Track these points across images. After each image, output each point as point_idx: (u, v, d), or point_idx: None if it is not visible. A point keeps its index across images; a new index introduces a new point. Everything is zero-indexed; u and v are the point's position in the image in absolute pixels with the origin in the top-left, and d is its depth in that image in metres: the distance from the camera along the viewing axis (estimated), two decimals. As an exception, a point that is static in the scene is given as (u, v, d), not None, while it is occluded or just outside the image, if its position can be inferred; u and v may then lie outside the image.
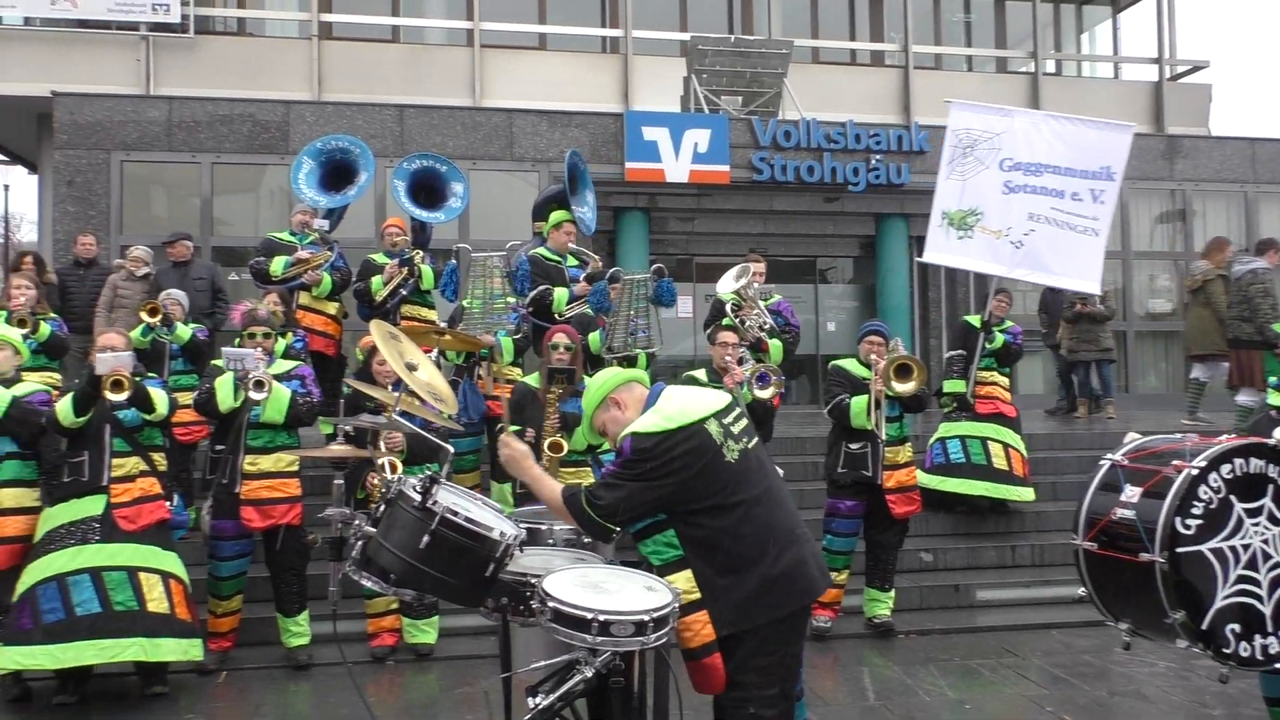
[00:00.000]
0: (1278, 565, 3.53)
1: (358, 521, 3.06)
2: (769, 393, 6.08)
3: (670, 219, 13.81)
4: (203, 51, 13.89)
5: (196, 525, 6.43)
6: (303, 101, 13.03)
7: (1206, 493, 3.50)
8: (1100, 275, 8.25)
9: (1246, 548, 3.53)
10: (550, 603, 2.83)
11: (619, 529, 3.10)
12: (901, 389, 6.06)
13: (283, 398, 5.53)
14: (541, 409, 5.57)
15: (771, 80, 14.24)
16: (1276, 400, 4.47)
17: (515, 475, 3.35)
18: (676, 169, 12.81)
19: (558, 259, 7.33)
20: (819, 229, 14.26)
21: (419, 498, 2.96)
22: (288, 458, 5.62)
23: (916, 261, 14.10)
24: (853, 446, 6.20)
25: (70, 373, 7.61)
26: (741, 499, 3.05)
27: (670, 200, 13.42)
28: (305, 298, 7.70)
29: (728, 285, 7.13)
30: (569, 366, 5.66)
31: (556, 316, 6.96)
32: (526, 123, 12.88)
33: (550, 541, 3.52)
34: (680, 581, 3.01)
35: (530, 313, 7.12)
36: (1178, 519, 3.45)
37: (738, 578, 3.01)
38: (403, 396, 3.55)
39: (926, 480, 7.52)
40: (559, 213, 7.53)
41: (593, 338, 6.75)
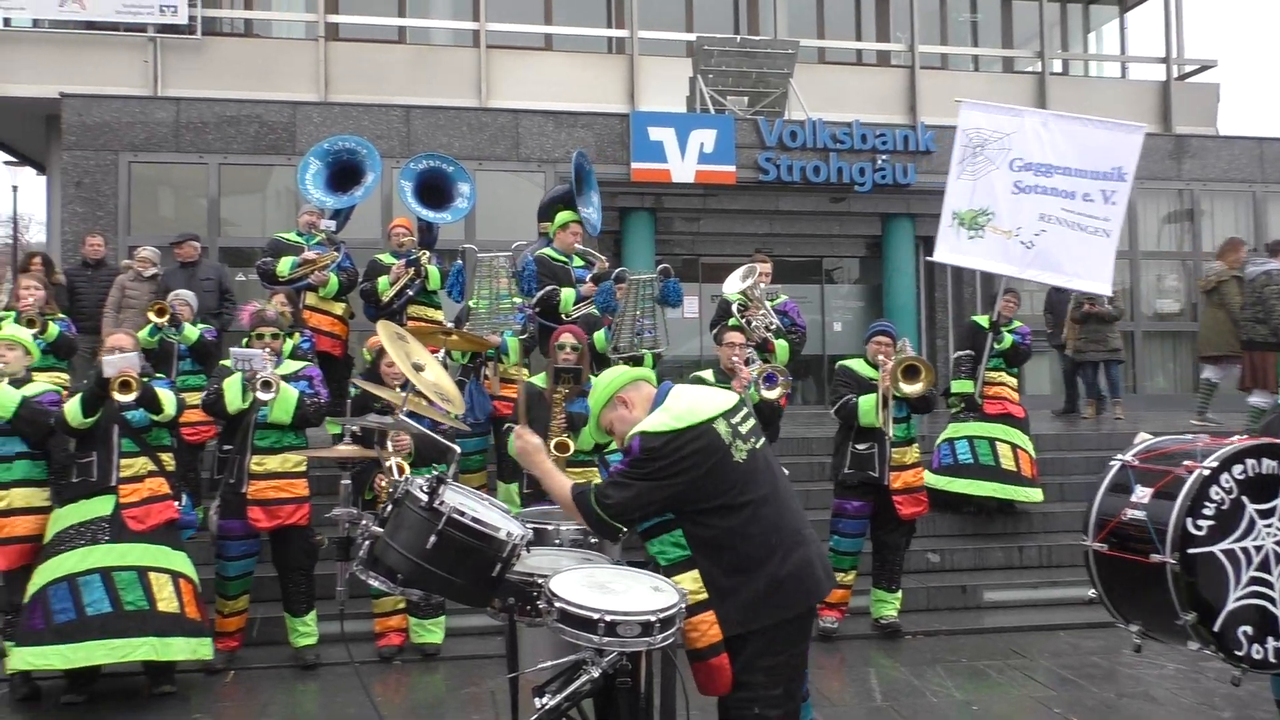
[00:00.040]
0: (1290, 567, 3.52)
1: (365, 521, 3.06)
2: (776, 393, 6.07)
3: (676, 219, 13.80)
4: (210, 53, 13.92)
5: (204, 525, 6.44)
6: (309, 102, 13.05)
7: (1218, 493, 3.49)
8: (1111, 276, 8.23)
9: (1259, 549, 3.51)
10: (557, 603, 2.83)
11: (626, 529, 3.10)
12: (909, 390, 6.05)
13: (290, 398, 5.53)
14: (548, 409, 5.57)
15: (777, 80, 14.23)
16: None
17: (527, 468, 3.34)
18: (682, 169, 12.80)
19: (564, 259, 7.33)
20: (825, 229, 14.24)
21: (426, 498, 2.96)
22: (295, 458, 5.62)
23: (925, 261, 14.09)
24: (859, 447, 6.19)
25: (78, 373, 7.62)
26: (749, 499, 3.04)
27: (676, 200, 13.42)
28: (312, 298, 7.72)
29: (734, 285, 7.13)
30: (575, 366, 5.66)
31: (563, 317, 6.96)
32: (532, 123, 12.88)
33: (557, 542, 3.51)
34: (687, 582, 3.00)
35: (537, 313, 7.12)
36: (1189, 520, 3.44)
37: (745, 578, 3.00)
38: (410, 397, 3.54)
39: (934, 481, 7.51)
40: (565, 213, 7.52)
41: (598, 337, 6.74)
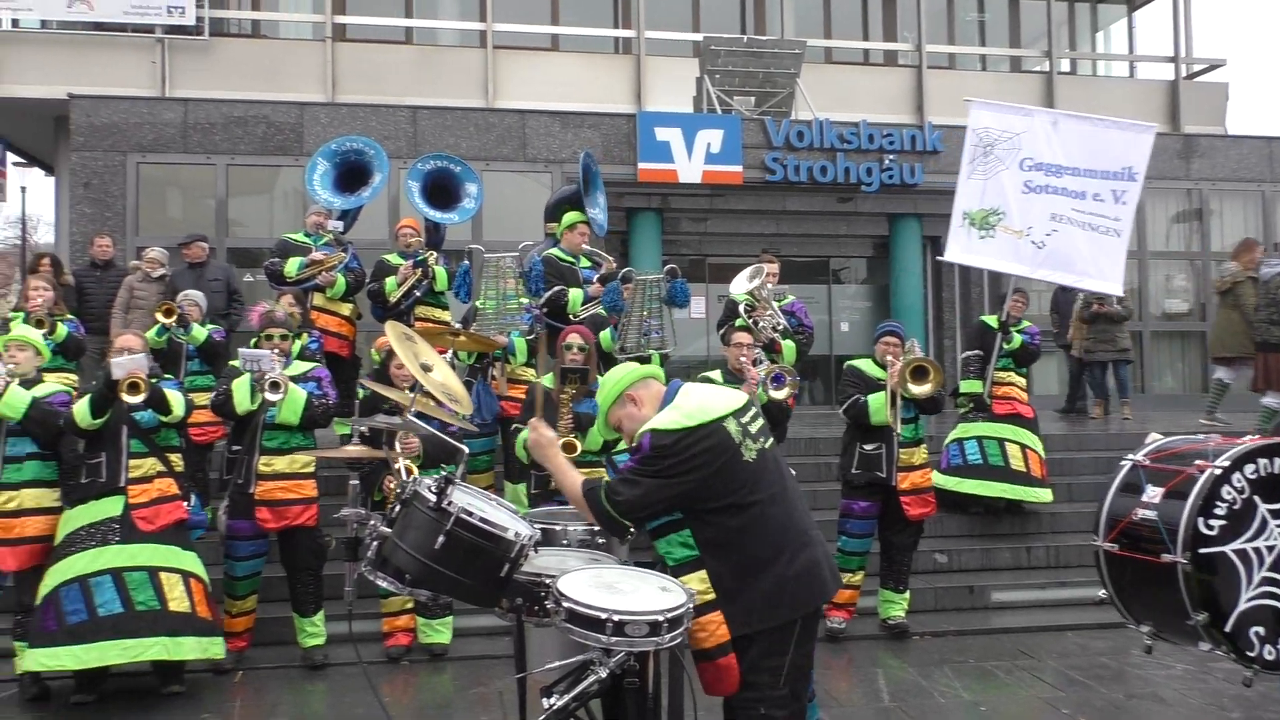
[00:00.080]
0: (1303, 567, 3.49)
1: (373, 522, 3.06)
2: (784, 393, 6.06)
3: (683, 219, 13.79)
4: (217, 54, 13.95)
5: (213, 525, 6.46)
6: (317, 103, 13.08)
7: (1230, 493, 3.47)
8: (1122, 276, 8.21)
9: (1271, 549, 3.49)
10: (565, 603, 2.83)
11: (635, 527, 3.10)
12: (918, 391, 6.03)
13: (298, 399, 5.54)
14: (555, 409, 5.57)
15: (784, 80, 14.22)
16: None
17: (539, 461, 3.34)
18: (689, 169, 12.80)
19: (571, 260, 7.32)
20: (832, 229, 14.22)
21: (434, 498, 2.96)
22: (303, 459, 5.63)
23: (936, 260, 14.04)
24: (867, 447, 6.18)
25: (87, 374, 7.65)
26: (758, 499, 3.04)
27: (683, 201, 13.41)
28: (319, 299, 7.72)
29: (741, 286, 7.12)
30: (582, 366, 5.66)
31: (571, 317, 6.95)
32: (539, 124, 12.88)
33: (565, 542, 3.51)
34: (694, 582, 3.01)
35: (545, 314, 7.11)
36: (1200, 519, 3.43)
37: (753, 578, 3.00)
38: (418, 397, 3.55)
39: (943, 481, 7.49)
40: (572, 214, 7.51)
41: (604, 336, 6.74)
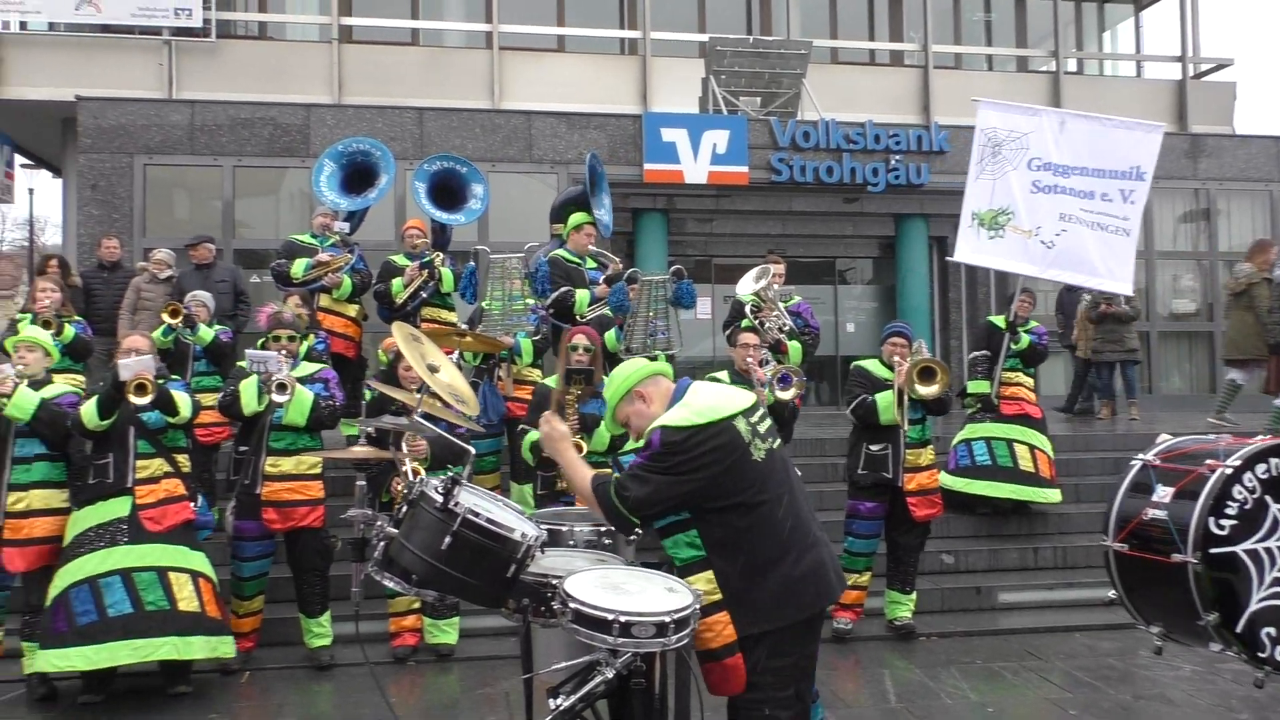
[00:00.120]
0: (1317, 568, 3.47)
1: (380, 522, 3.07)
2: (790, 394, 6.06)
3: (689, 220, 13.80)
4: (224, 55, 13.98)
5: (220, 526, 6.47)
6: (323, 105, 13.10)
7: (1241, 492, 3.45)
8: (1132, 275, 8.20)
9: (1283, 549, 3.47)
10: (571, 604, 2.83)
11: (642, 525, 3.09)
12: (925, 392, 6.02)
13: (305, 400, 5.55)
14: (561, 410, 5.57)
15: (790, 81, 14.21)
16: None
17: (550, 454, 3.35)
18: (695, 170, 12.81)
19: (578, 261, 7.33)
20: (838, 230, 14.21)
21: (441, 499, 2.96)
22: (309, 460, 5.64)
23: (942, 261, 14.05)
24: (873, 448, 6.17)
25: (94, 375, 7.68)
26: (766, 499, 3.04)
27: (689, 201, 13.41)
28: (325, 300, 7.73)
29: (747, 287, 7.12)
30: (587, 367, 5.66)
31: (578, 318, 6.96)
32: (545, 125, 12.90)
33: (571, 543, 3.52)
34: (701, 582, 3.01)
35: (551, 314, 7.13)
36: (1211, 519, 3.41)
37: (760, 578, 3.01)
38: (424, 398, 3.55)
39: (951, 482, 7.48)
40: (578, 215, 7.52)
41: (609, 336, 6.75)
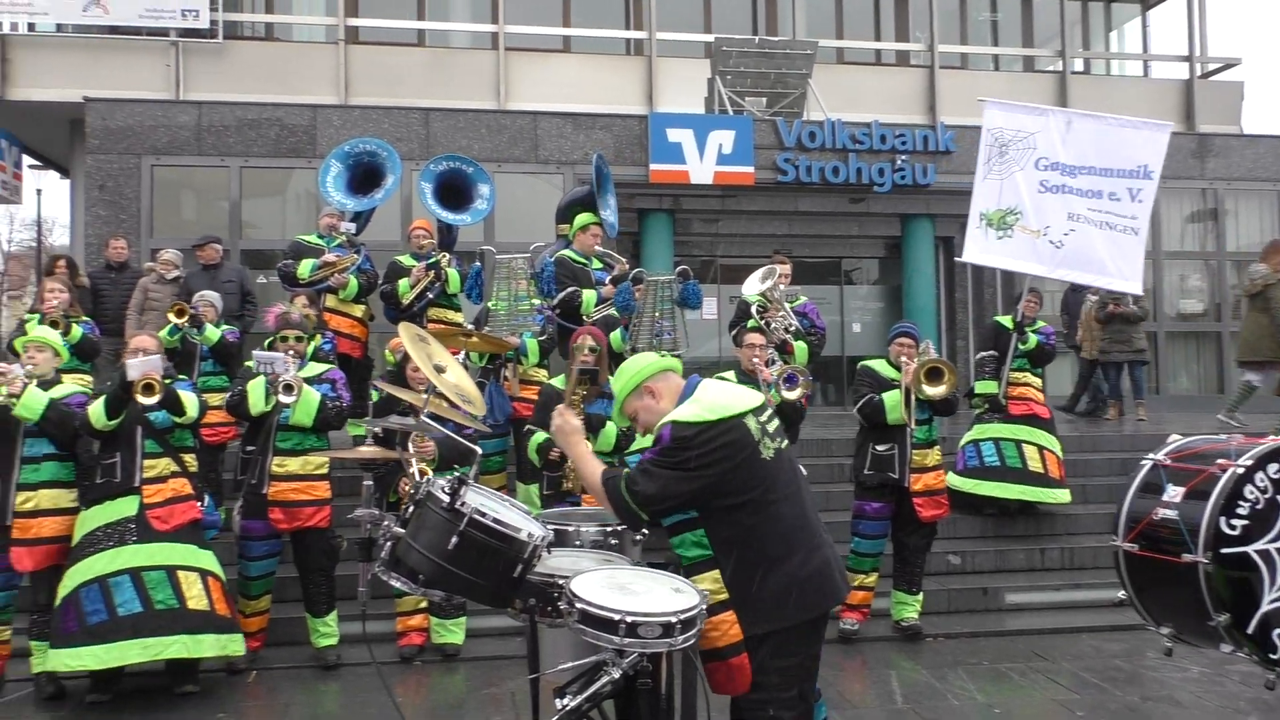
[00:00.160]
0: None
1: (386, 522, 3.07)
2: (797, 394, 6.06)
3: (695, 220, 13.79)
4: (231, 57, 14.01)
5: (227, 525, 6.49)
6: (329, 105, 13.11)
7: (1253, 492, 3.42)
8: (1141, 274, 8.18)
9: (1294, 550, 3.44)
10: (578, 604, 2.83)
11: (650, 520, 3.09)
12: (932, 392, 6.02)
13: (312, 401, 5.56)
14: (567, 410, 5.56)
15: (796, 81, 14.19)
16: None
17: (562, 447, 3.35)
18: (701, 170, 12.79)
19: (584, 261, 7.34)
20: (844, 230, 14.19)
21: (447, 499, 2.96)
22: (316, 460, 5.66)
23: (949, 261, 14.02)
24: (879, 448, 6.16)
25: (102, 375, 7.70)
26: (774, 498, 3.05)
27: (695, 202, 13.40)
28: (332, 300, 7.76)
29: (753, 287, 7.12)
30: (593, 367, 5.67)
31: (584, 318, 6.96)
32: (551, 125, 12.89)
33: (578, 543, 3.51)
34: (707, 581, 3.01)
35: (558, 315, 7.13)
36: (1222, 519, 3.39)
37: (766, 578, 3.01)
38: (431, 399, 3.55)
39: (960, 483, 7.47)
40: (584, 215, 7.52)
41: (614, 336, 6.75)
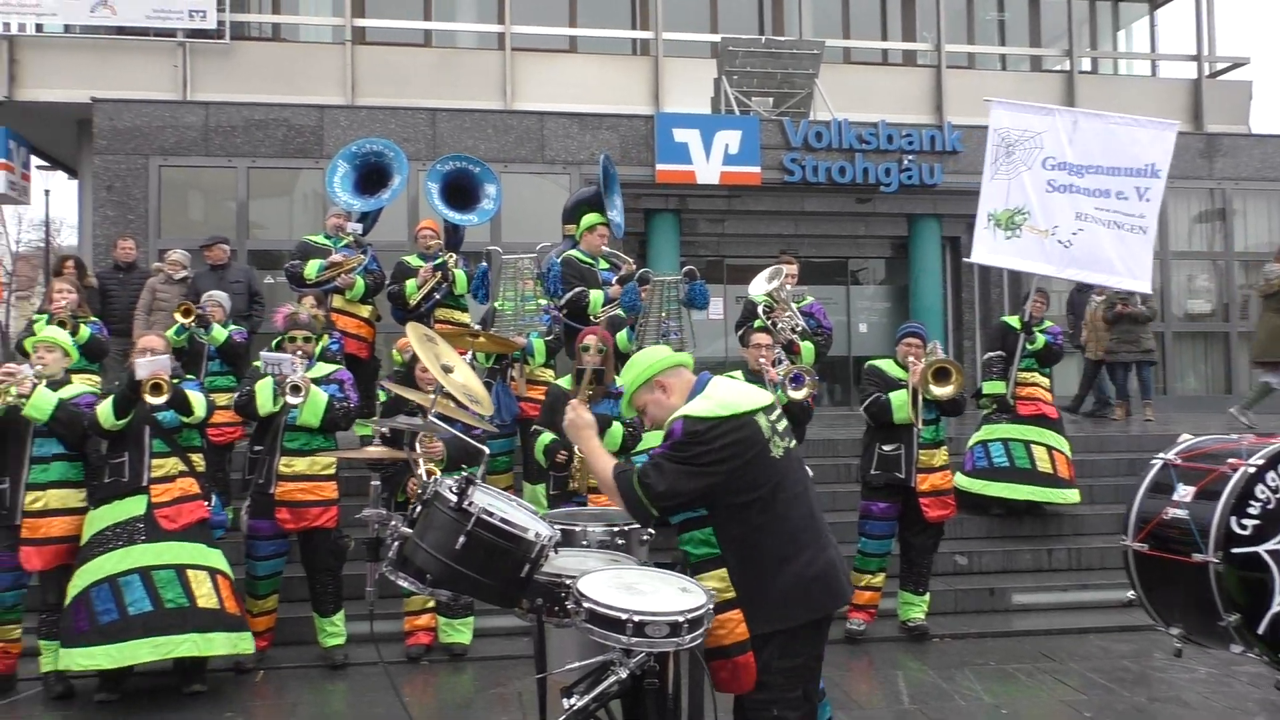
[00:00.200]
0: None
1: (394, 522, 3.08)
2: (803, 394, 6.06)
3: (701, 221, 13.79)
4: (238, 57, 14.04)
5: (235, 525, 6.51)
6: (336, 106, 13.15)
7: (1264, 492, 3.40)
8: (1150, 273, 8.16)
9: (1307, 550, 3.42)
10: (585, 604, 2.83)
11: (660, 516, 3.09)
12: (940, 393, 6.00)
13: (319, 402, 5.56)
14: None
15: (803, 81, 14.19)
16: None
17: (575, 443, 3.36)
18: (707, 171, 12.80)
19: (591, 261, 7.34)
20: (851, 230, 14.19)
21: (455, 499, 2.97)
22: (323, 460, 5.66)
23: (955, 261, 14.01)
24: (886, 448, 6.15)
25: (110, 375, 7.73)
26: (783, 497, 3.06)
27: (701, 202, 13.41)
28: (339, 301, 7.76)
29: (760, 287, 7.12)
30: (599, 368, 5.67)
31: (591, 319, 6.97)
32: (557, 125, 12.91)
33: (585, 543, 3.51)
34: (714, 579, 3.02)
35: (565, 315, 7.13)
36: (1233, 518, 3.37)
37: (773, 577, 3.02)
38: (438, 399, 3.56)
39: (968, 484, 7.45)
40: (591, 215, 7.53)
41: (621, 337, 6.76)
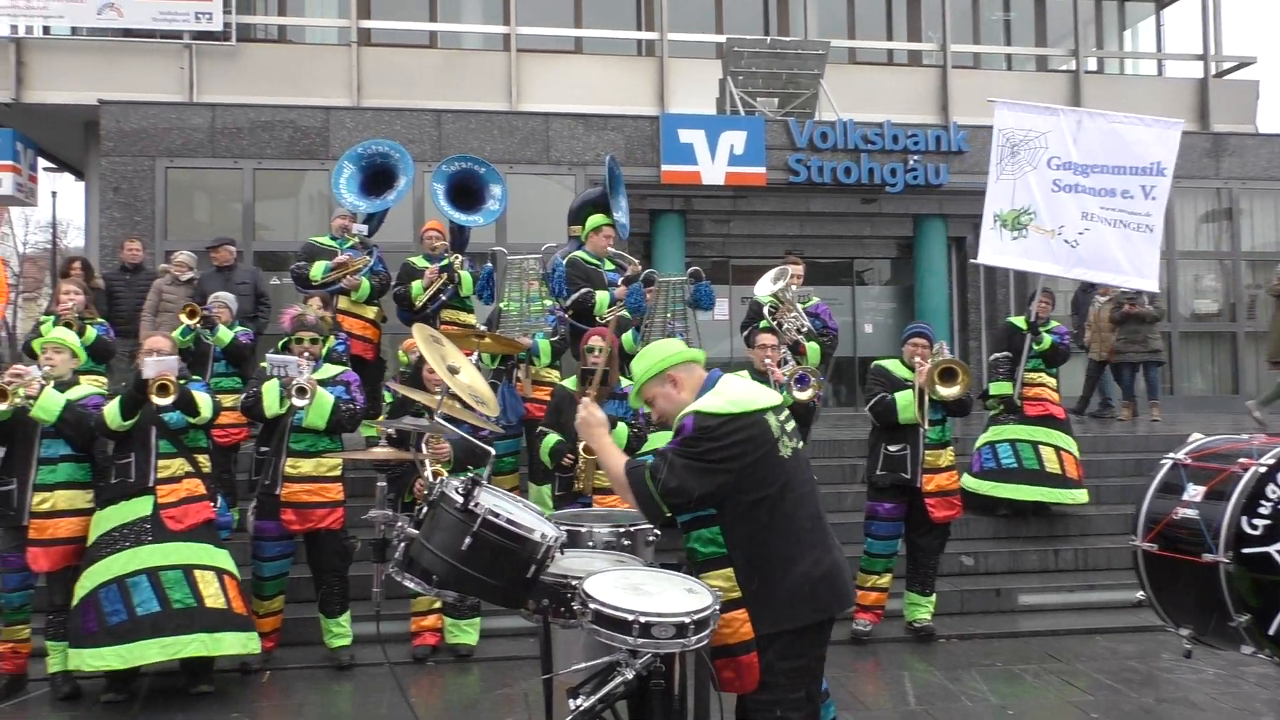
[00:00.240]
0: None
1: (400, 523, 3.08)
2: (808, 394, 6.06)
3: (706, 221, 13.78)
4: (244, 59, 14.07)
5: (240, 526, 6.52)
6: (342, 107, 13.16)
7: (1275, 491, 3.38)
8: (1157, 271, 8.13)
9: (1318, 550, 3.40)
10: (591, 604, 2.84)
11: (671, 513, 3.08)
12: (946, 393, 6.00)
13: (325, 404, 5.57)
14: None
15: (808, 81, 14.17)
16: None
17: (586, 441, 3.36)
18: (712, 171, 12.79)
19: (597, 262, 7.34)
20: (856, 230, 14.17)
21: (461, 500, 2.97)
22: (330, 462, 5.67)
23: (961, 261, 13.98)
24: (892, 449, 6.15)
25: (117, 376, 7.74)
26: (790, 496, 3.06)
27: (706, 202, 13.40)
28: (344, 302, 7.78)
29: (766, 288, 7.12)
30: (603, 368, 5.66)
31: (597, 319, 6.97)
32: (563, 126, 12.91)
33: (590, 544, 3.52)
34: (720, 579, 3.02)
35: (570, 316, 7.13)
36: (1244, 518, 3.35)
37: (779, 578, 3.02)
38: (444, 399, 3.56)
39: (977, 485, 7.44)
40: (597, 216, 7.53)
41: (626, 338, 6.76)
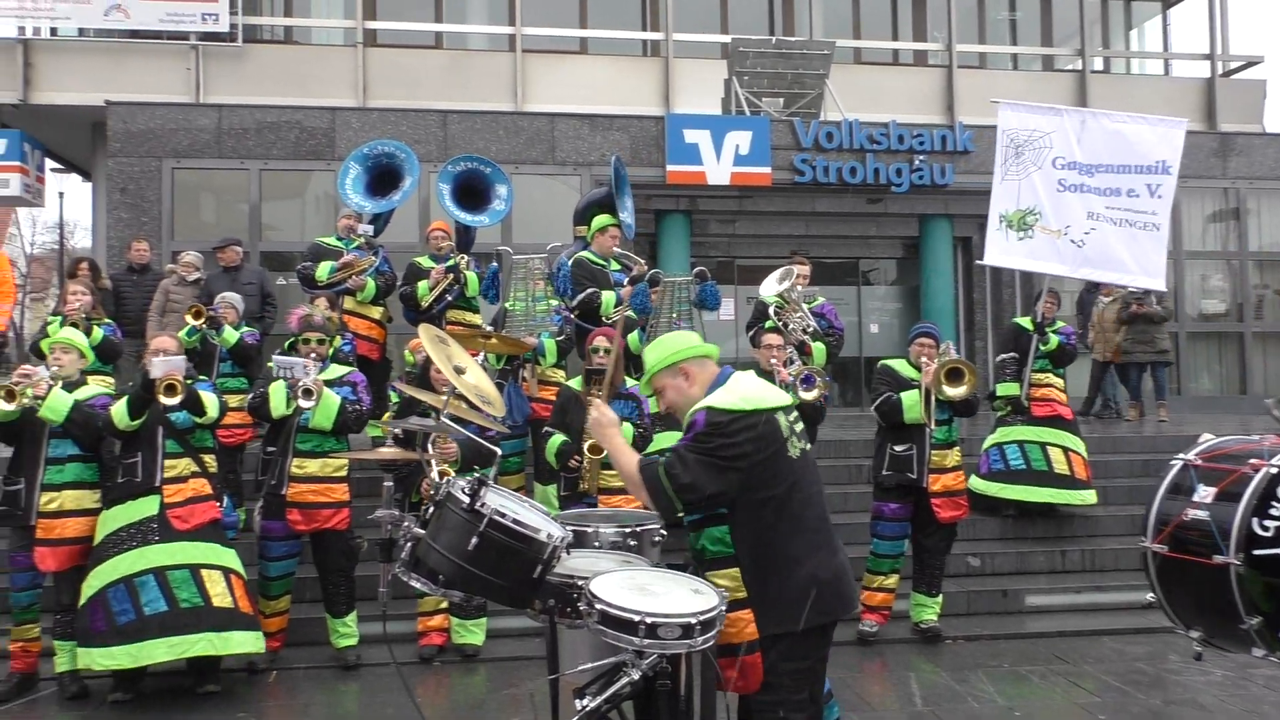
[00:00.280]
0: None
1: (407, 523, 3.08)
2: (813, 394, 6.05)
3: (711, 221, 13.78)
4: (251, 60, 14.11)
5: (246, 526, 6.53)
6: (348, 108, 13.19)
7: (1286, 492, 3.36)
8: (1164, 271, 8.10)
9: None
10: (598, 605, 2.83)
11: (683, 511, 3.08)
12: (953, 393, 5.99)
13: (331, 405, 5.58)
14: (584, 411, 5.58)
15: (813, 81, 14.16)
16: None
17: (598, 440, 3.37)
18: (718, 171, 12.79)
19: (603, 263, 7.34)
20: (862, 230, 14.16)
21: (467, 500, 2.97)
22: (335, 462, 5.68)
23: (967, 261, 13.95)
24: (898, 449, 6.14)
25: (124, 376, 7.76)
26: (798, 496, 3.06)
27: (711, 203, 13.40)
28: (350, 302, 7.80)
29: (771, 288, 7.11)
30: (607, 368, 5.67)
31: (603, 319, 6.97)
32: (568, 127, 12.92)
33: (596, 544, 3.51)
34: (726, 578, 3.03)
35: (576, 316, 7.13)
36: (1255, 520, 3.33)
37: (785, 579, 3.02)
38: (451, 399, 3.56)
39: (985, 486, 7.42)
40: (603, 217, 7.53)
41: (632, 338, 6.76)
